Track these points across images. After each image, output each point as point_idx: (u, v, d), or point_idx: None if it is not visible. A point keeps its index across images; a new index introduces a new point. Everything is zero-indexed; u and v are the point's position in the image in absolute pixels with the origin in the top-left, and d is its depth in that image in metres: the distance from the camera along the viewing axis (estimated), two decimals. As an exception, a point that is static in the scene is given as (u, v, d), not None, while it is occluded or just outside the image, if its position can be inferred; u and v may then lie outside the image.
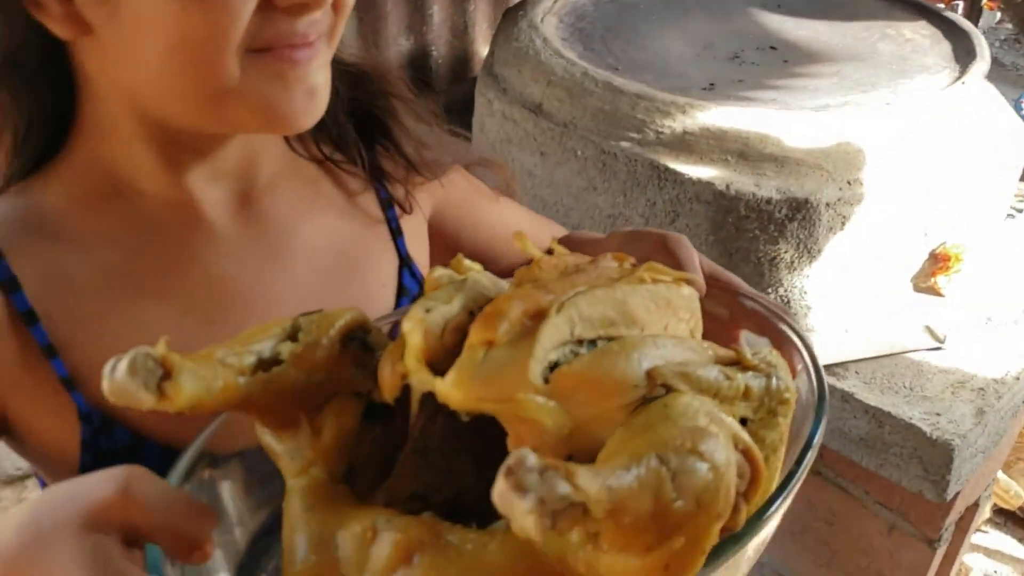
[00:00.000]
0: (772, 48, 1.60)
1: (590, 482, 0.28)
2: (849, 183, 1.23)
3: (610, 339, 0.40)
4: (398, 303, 0.73)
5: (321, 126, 0.65)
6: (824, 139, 1.25)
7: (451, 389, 0.37)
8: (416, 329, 0.39)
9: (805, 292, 1.29)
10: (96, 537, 0.38)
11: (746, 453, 0.36)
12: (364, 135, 0.73)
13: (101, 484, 0.39)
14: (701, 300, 0.49)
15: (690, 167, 1.26)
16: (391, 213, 0.75)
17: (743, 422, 0.41)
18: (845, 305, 1.32)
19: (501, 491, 0.27)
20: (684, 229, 1.29)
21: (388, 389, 0.41)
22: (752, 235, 1.25)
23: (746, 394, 0.41)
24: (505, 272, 0.51)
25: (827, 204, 1.22)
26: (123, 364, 0.37)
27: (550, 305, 0.39)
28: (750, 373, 0.42)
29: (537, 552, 0.33)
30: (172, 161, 0.62)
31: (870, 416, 1.20)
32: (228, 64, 0.53)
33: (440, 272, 0.45)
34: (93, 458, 0.59)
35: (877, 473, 1.22)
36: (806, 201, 1.21)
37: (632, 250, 0.55)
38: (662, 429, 0.34)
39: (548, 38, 1.48)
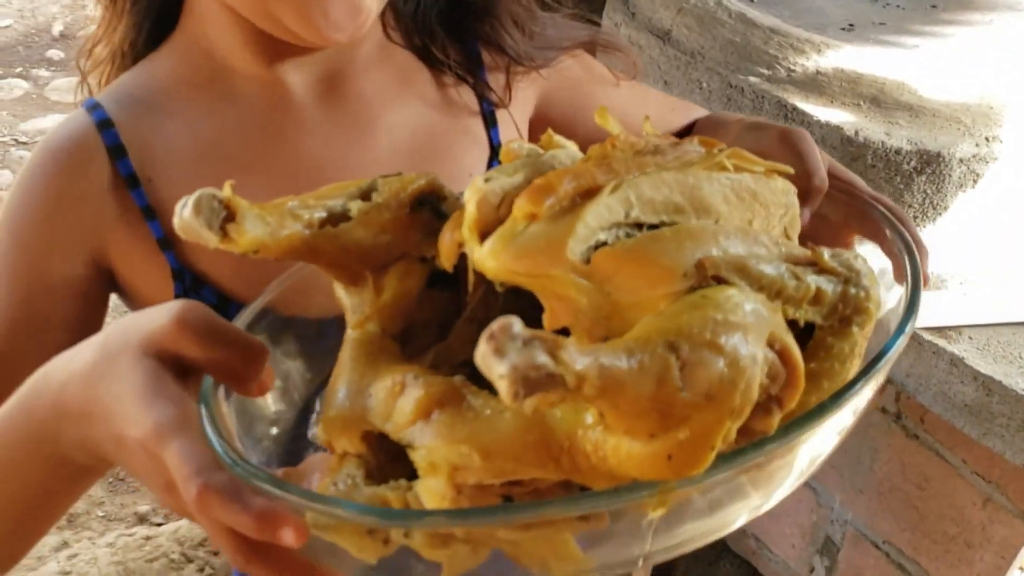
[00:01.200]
0: (921, -9, 1.52)
1: (577, 358, 0.28)
2: (987, 140, 1.17)
3: (679, 226, 0.37)
4: None
5: (412, 19, 0.68)
6: (965, 91, 1.19)
7: (486, 258, 0.36)
8: (473, 198, 0.37)
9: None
10: (149, 360, 0.40)
11: (782, 353, 0.33)
12: (463, 26, 0.73)
13: (160, 314, 0.41)
14: (820, 200, 0.47)
15: (819, 109, 1.22)
16: (486, 104, 0.75)
17: (810, 327, 0.38)
18: (968, 267, 1.27)
19: (482, 353, 0.27)
20: (804, 173, 1.26)
21: (446, 256, 0.41)
22: (877, 186, 1.20)
23: (817, 298, 0.38)
24: None
25: (960, 160, 1.16)
26: (190, 202, 0.39)
27: (606, 183, 0.36)
28: (825, 277, 0.39)
29: (548, 427, 0.33)
30: (260, 45, 0.64)
31: (979, 384, 1.15)
32: None
33: (518, 144, 0.44)
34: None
35: (979, 442, 1.19)
36: (938, 155, 1.16)
37: (750, 140, 0.54)
38: (686, 317, 0.32)
39: (684, -37, 1.44)
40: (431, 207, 0.45)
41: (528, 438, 0.33)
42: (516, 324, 0.27)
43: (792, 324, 0.36)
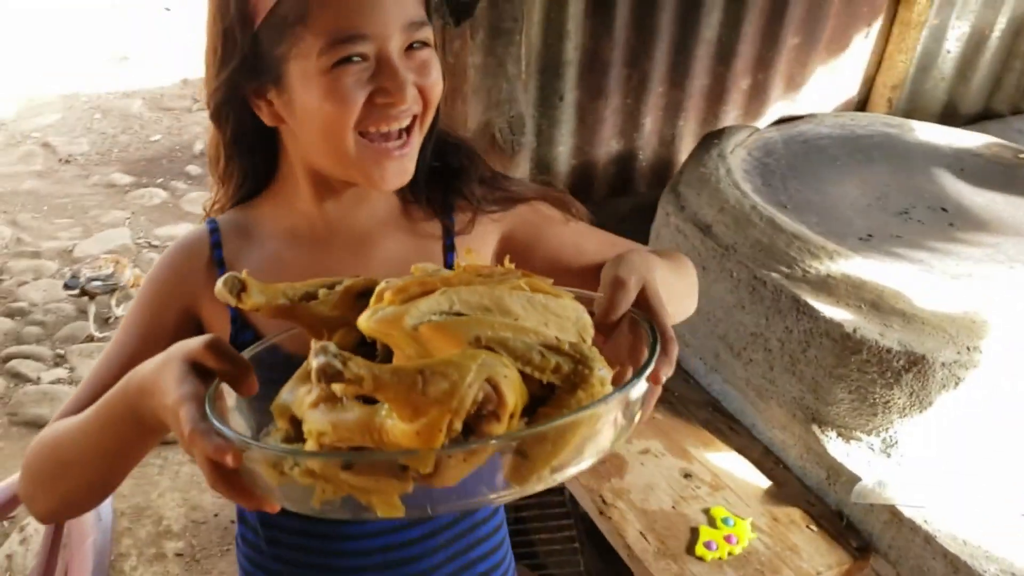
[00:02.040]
0: (943, 209, 1.73)
1: (357, 368, 0.55)
2: (969, 348, 1.36)
3: (476, 319, 0.63)
4: None
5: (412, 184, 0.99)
6: (954, 305, 1.38)
7: (361, 322, 0.64)
8: (378, 291, 0.67)
9: (912, 436, 1.41)
10: (186, 364, 0.70)
11: (496, 388, 0.58)
12: (443, 181, 1.03)
13: (197, 340, 0.71)
14: (616, 319, 0.73)
15: (826, 307, 1.43)
16: (449, 238, 1.03)
17: (551, 386, 0.62)
18: (947, 456, 1.43)
19: (310, 357, 0.55)
20: (813, 359, 1.46)
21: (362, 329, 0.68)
22: (871, 377, 1.39)
23: (556, 368, 0.62)
24: (577, 274, 0.93)
25: (943, 364, 1.35)
26: (221, 279, 0.71)
27: (439, 289, 0.64)
28: (565, 358, 0.62)
29: (370, 416, 0.58)
30: (319, 196, 0.98)
31: (948, 561, 1.31)
32: (347, 139, 0.87)
33: (421, 265, 0.72)
34: (232, 344, 0.93)
35: (949, 617, 1.33)
36: (923, 357, 1.35)
37: (605, 274, 0.79)
38: (441, 359, 0.58)
39: (731, 168, 1.69)
40: (367, 297, 0.70)
41: (359, 421, 0.59)
42: (330, 346, 0.55)
43: (543, 384, 0.62)
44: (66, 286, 3.58)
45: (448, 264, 1.03)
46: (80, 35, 7.54)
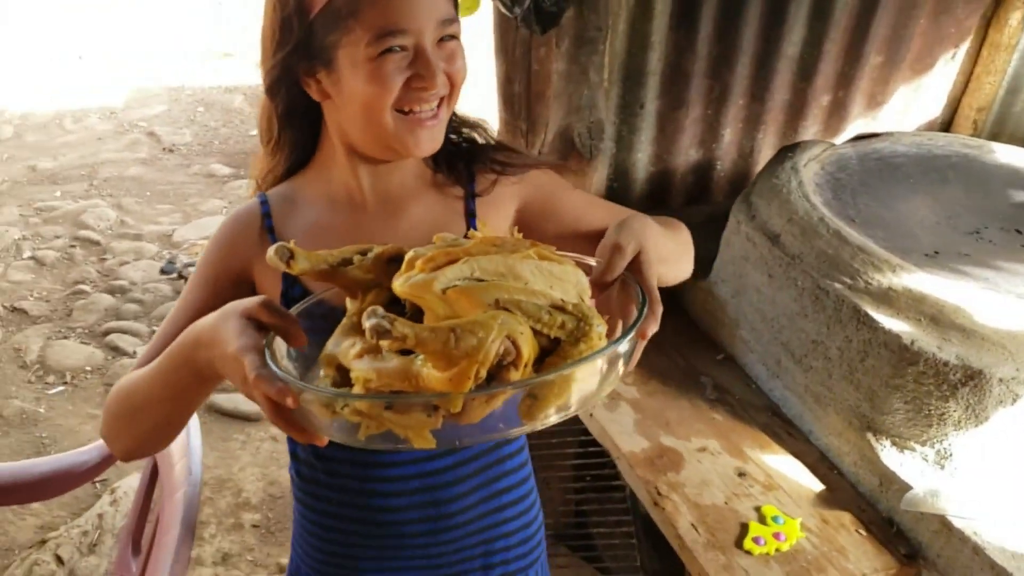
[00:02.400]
0: (1017, 231, 1.74)
1: (403, 327, 0.68)
2: (1027, 366, 1.38)
3: (494, 284, 0.77)
4: None
5: (437, 155, 1.14)
6: (1015, 323, 1.41)
7: (397, 287, 0.77)
8: (406, 259, 0.81)
9: (966, 448, 1.44)
10: (243, 319, 0.82)
11: (514, 342, 0.71)
12: (468, 155, 1.19)
13: (254, 299, 0.84)
14: (611, 279, 0.87)
15: (886, 318, 1.47)
16: (471, 202, 1.18)
17: (557, 340, 0.76)
18: (1000, 468, 1.45)
19: (363, 319, 0.68)
20: (870, 369, 1.49)
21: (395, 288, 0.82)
22: (927, 389, 1.43)
23: (562, 325, 0.76)
24: (583, 238, 1.11)
25: (1000, 379, 1.38)
26: (272, 248, 0.83)
27: (460, 257, 0.77)
28: (569, 316, 0.76)
29: (408, 365, 0.71)
30: (355, 167, 1.12)
31: (995, 573, 1.33)
32: (386, 115, 1.01)
33: (443, 234, 0.86)
34: (284, 299, 1.09)
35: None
36: (980, 372, 1.38)
37: (605, 240, 0.92)
38: (473, 322, 0.71)
39: (803, 181, 1.74)
40: (396, 262, 0.84)
41: (399, 370, 0.71)
42: (379, 309, 0.68)
43: (550, 338, 0.76)
44: (163, 271, 3.79)
45: (471, 227, 1.18)
46: (187, 31, 7.88)
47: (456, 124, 1.19)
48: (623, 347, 0.77)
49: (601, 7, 1.87)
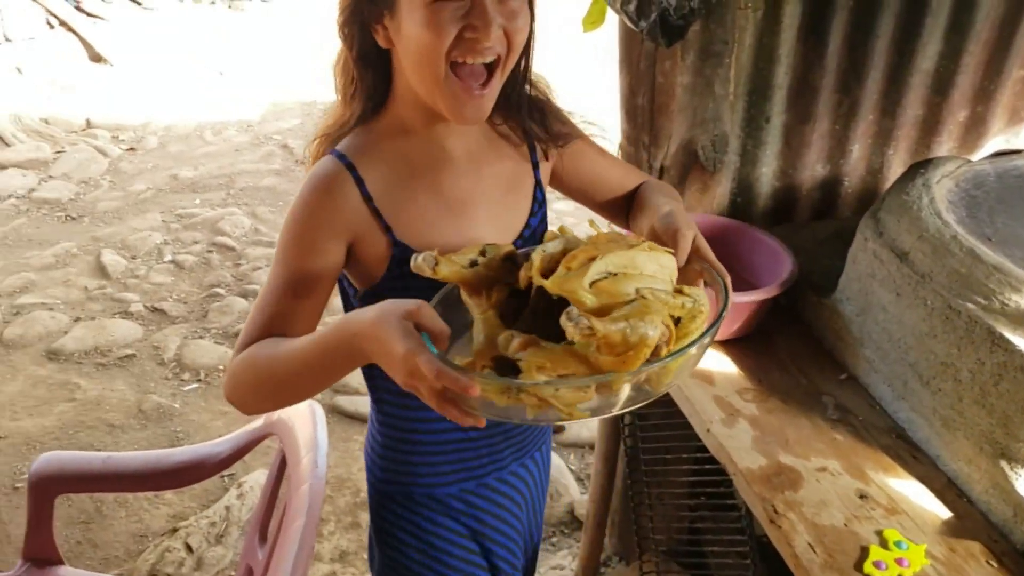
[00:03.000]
0: None
1: (598, 324, 0.85)
2: None
3: (625, 274, 0.95)
4: (532, 206, 1.31)
5: (507, 113, 1.25)
6: None
7: (550, 285, 0.92)
8: (537, 256, 0.98)
9: (1108, 483, 1.36)
10: (406, 321, 0.92)
11: (668, 329, 0.90)
12: (535, 119, 1.29)
13: (410, 302, 0.93)
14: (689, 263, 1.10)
15: (1023, 340, 1.41)
16: (534, 157, 1.30)
17: (677, 319, 0.94)
18: None
19: (564, 318, 0.85)
20: (1005, 393, 1.43)
21: (522, 283, 0.99)
22: (1066, 416, 1.36)
23: (682, 306, 0.94)
24: (600, 203, 1.42)
25: None
26: (419, 256, 0.98)
27: (598, 256, 0.93)
28: (685, 298, 0.95)
29: (577, 351, 0.87)
30: (431, 120, 1.18)
31: None
32: (440, 65, 1.05)
33: (553, 231, 1.03)
34: (396, 265, 1.17)
35: None
36: None
37: (661, 225, 1.15)
38: (636, 312, 0.88)
39: (935, 198, 1.68)
40: (511, 260, 1.03)
41: (571, 355, 0.88)
42: (574, 310, 0.86)
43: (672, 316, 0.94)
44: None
45: (536, 181, 1.32)
46: (320, 49, 8.18)
47: (522, 79, 1.25)
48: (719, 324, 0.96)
49: (728, 20, 1.87)
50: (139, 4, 8.67)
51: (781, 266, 1.90)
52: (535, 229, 1.30)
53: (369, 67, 1.16)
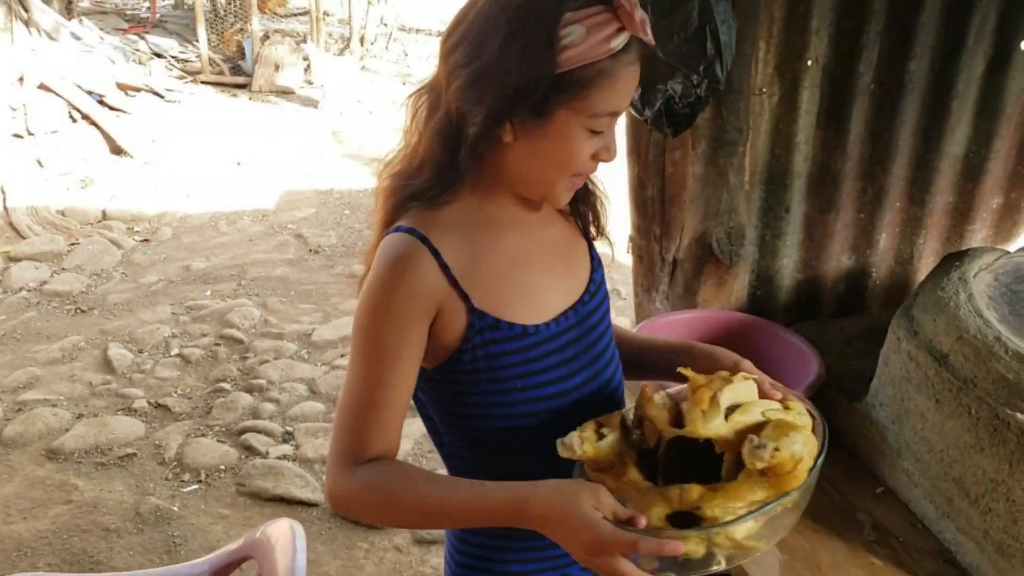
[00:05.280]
0: None
1: (775, 451, 1.01)
2: None
3: (738, 405, 1.10)
4: (591, 263, 1.33)
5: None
6: None
7: (703, 432, 1.07)
8: (656, 414, 1.13)
9: None
10: (596, 512, 0.99)
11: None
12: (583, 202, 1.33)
13: (593, 492, 1.02)
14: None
15: (1084, 457, 1.25)
16: (582, 227, 1.35)
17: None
18: None
19: (747, 452, 1.01)
20: (1066, 517, 1.27)
21: (650, 441, 1.13)
22: None
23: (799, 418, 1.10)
24: None
25: None
26: (569, 440, 1.11)
27: (718, 394, 1.08)
28: (793, 412, 1.11)
29: (741, 485, 1.02)
30: (506, 203, 1.21)
31: None
32: (565, 175, 1.15)
33: (653, 392, 1.15)
34: (475, 334, 1.15)
35: None
36: None
37: (714, 362, 1.29)
38: (781, 433, 1.04)
39: (974, 294, 1.54)
40: (624, 426, 1.16)
41: (738, 488, 1.03)
42: (755, 438, 1.02)
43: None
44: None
45: (589, 244, 1.35)
46: (337, 139, 8.25)
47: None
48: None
49: (741, 108, 1.76)
50: (162, 97, 8.79)
51: (807, 367, 1.76)
52: (599, 284, 1.33)
53: (472, 153, 1.13)
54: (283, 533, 1.51)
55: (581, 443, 1.09)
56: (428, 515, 1.13)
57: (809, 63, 1.88)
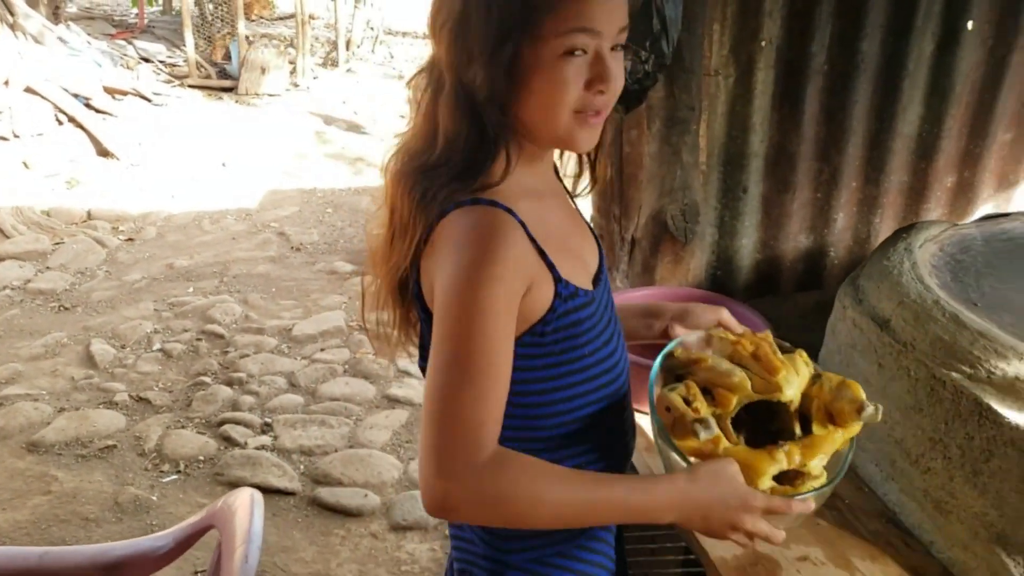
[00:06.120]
0: None
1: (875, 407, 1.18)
2: None
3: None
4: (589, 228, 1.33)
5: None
6: None
7: (791, 397, 1.19)
8: (742, 381, 1.20)
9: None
10: (759, 512, 1.08)
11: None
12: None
13: (754, 499, 1.09)
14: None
15: (1013, 413, 1.29)
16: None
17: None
18: None
19: (853, 413, 1.18)
20: (997, 471, 1.31)
21: (725, 404, 1.19)
22: (1065, 495, 1.23)
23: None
24: None
25: None
26: (703, 428, 1.13)
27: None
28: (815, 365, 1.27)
29: (816, 438, 1.17)
30: (533, 161, 1.17)
31: None
32: (564, 114, 1.08)
33: (720, 333, 1.29)
34: (561, 302, 1.11)
35: None
36: None
37: (696, 318, 1.36)
38: (840, 386, 1.21)
39: (918, 263, 1.58)
40: (706, 392, 1.20)
41: (816, 441, 1.18)
42: (863, 401, 1.18)
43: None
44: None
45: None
46: (321, 138, 8.27)
47: None
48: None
49: (693, 86, 1.80)
50: (149, 100, 8.81)
51: (759, 339, 1.79)
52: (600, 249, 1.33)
53: (481, 117, 1.09)
54: (243, 502, 1.54)
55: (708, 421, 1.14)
56: (577, 515, 1.06)
57: (763, 44, 1.92)
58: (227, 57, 10.04)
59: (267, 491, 3.30)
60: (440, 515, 1.01)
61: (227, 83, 9.71)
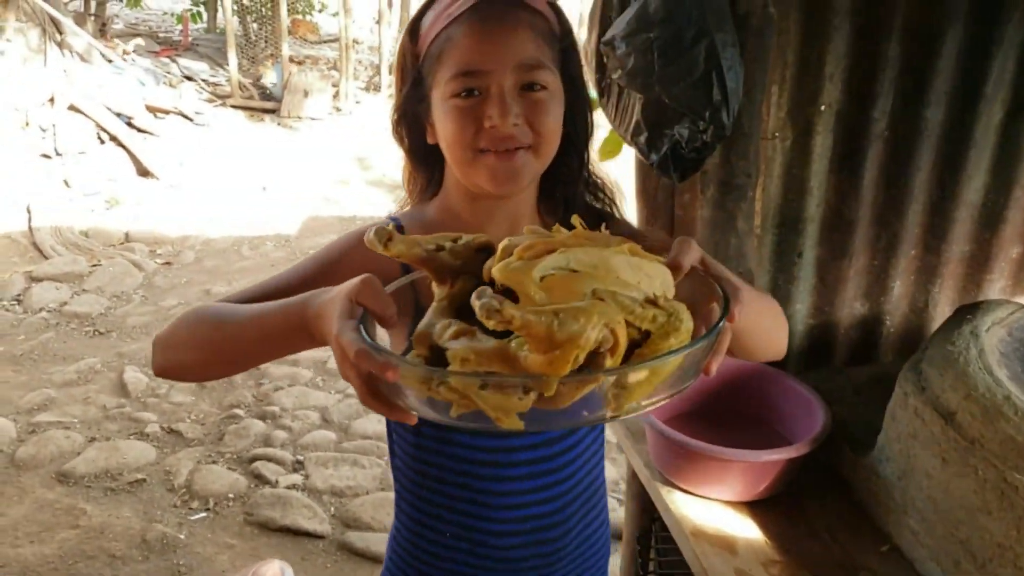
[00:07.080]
0: None
1: (511, 309, 0.70)
2: None
3: (590, 274, 0.79)
4: None
5: (565, 215, 1.14)
6: None
7: (495, 272, 0.78)
8: (500, 247, 0.84)
9: None
10: (348, 301, 0.84)
11: (612, 332, 0.72)
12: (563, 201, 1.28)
13: (358, 280, 0.86)
14: (700, 277, 0.90)
15: (1094, 527, 1.20)
16: None
17: (647, 333, 0.77)
18: None
19: (473, 299, 0.73)
20: (1075, 588, 1.22)
21: (486, 274, 0.84)
22: None
23: (653, 318, 0.77)
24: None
25: None
26: (372, 229, 0.85)
27: (556, 248, 0.79)
28: (660, 310, 0.77)
29: (507, 348, 0.72)
30: (469, 201, 1.20)
31: None
32: (467, 154, 1.10)
33: (531, 227, 0.87)
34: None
35: None
36: None
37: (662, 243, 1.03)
38: (573, 310, 0.71)
39: (985, 350, 1.50)
40: (485, 252, 0.88)
41: (497, 351, 0.73)
42: (488, 290, 0.73)
43: (640, 330, 0.77)
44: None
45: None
46: (362, 165, 8.29)
47: (592, 184, 1.30)
48: (708, 342, 0.80)
49: (751, 152, 1.74)
50: (191, 120, 8.89)
51: (814, 418, 1.71)
52: None
53: (423, 163, 1.26)
54: (273, 574, 1.48)
55: (388, 237, 0.86)
56: (238, 331, 1.04)
57: (823, 108, 1.85)
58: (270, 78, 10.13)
59: (296, 533, 3.26)
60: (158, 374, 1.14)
61: (269, 105, 9.80)
